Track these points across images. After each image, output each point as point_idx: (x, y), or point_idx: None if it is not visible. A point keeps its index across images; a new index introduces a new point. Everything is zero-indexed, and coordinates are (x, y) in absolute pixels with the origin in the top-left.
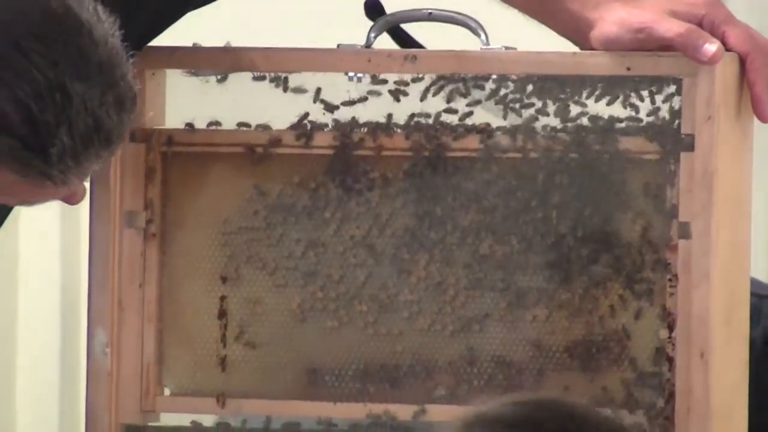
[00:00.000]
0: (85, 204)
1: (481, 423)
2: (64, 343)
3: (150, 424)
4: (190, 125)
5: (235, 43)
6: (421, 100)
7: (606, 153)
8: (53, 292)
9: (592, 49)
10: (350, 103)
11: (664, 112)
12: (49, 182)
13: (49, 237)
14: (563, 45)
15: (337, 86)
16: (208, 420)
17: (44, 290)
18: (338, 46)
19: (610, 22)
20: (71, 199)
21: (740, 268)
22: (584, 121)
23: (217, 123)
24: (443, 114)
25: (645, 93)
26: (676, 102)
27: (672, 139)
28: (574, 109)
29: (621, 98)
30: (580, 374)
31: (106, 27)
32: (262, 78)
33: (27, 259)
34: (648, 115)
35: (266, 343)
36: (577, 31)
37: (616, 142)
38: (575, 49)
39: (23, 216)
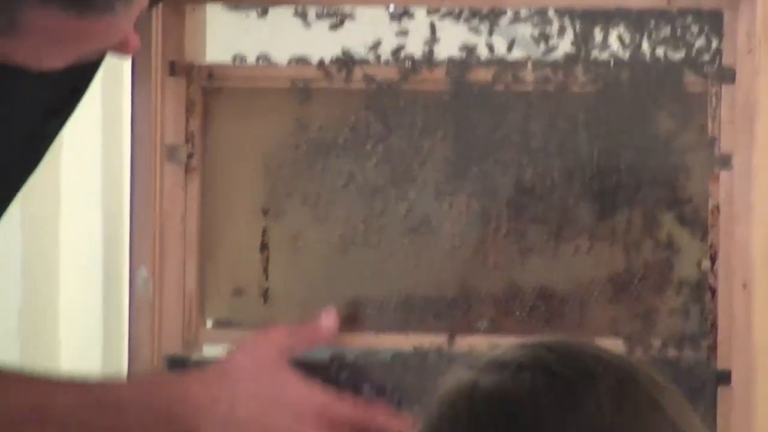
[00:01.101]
0: (126, 138)
1: (490, 367)
2: (107, 276)
3: (192, 355)
4: (236, 59)
5: None
6: (461, 34)
7: (647, 86)
8: (95, 225)
9: None
10: (390, 37)
11: (705, 45)
12: (91, 11)
13: (90, 171)
14: None
15: (378, 20)
16: None
17: (86, 224)
18: None
19: None
20: (124, 48)
21: None
22: (625, 55)
23: (258, 58)
24: (484, 48)
25: (685, 26)
26: (717, 35)
27: (713, 72)
28: (615, 43)
29: (661, 32)
30: (622, 305)
31: None
32: (303, 12)
33: (68, 193)
34: (688, 48)
35: (308, 275)
36: None
37: (658, 76)
38: None
39: (64, 151)
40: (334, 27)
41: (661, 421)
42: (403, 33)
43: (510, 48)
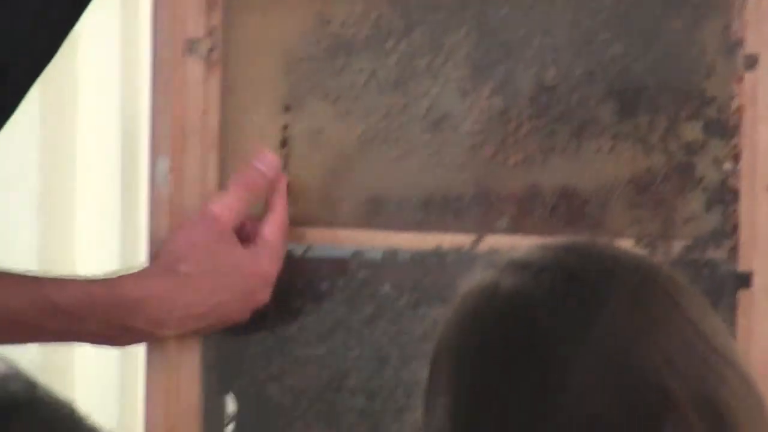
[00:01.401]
0: (145, 31)
1: (511, 268)
2: (125, 171)
3: None
4: None
5: None
6: None
7: None
8: (113, 119)
9: None
10: None
11: None
12: None
13: (109, 65)
14: None
15: None
16: None
17: (104, 117)
18: None
19: None
20: None
21: None
22: None
23: None
24: None
25: None
26: None
27: None
28: None
29: None
30: (643, 206)
31: None
32: None
33: (86, 84)
34: None
35: (329, 171)
36: None
37: None
38: None
39: (82, 43)
40: None
41: (682, 322)
42: None
43: None
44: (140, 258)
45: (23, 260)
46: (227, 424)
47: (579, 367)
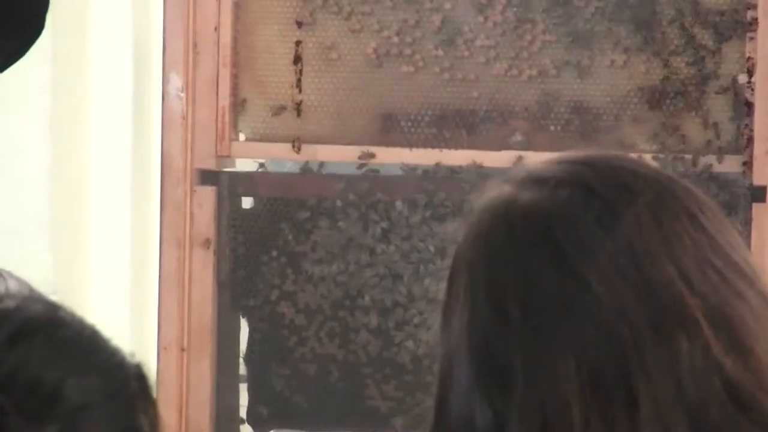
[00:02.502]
0: None
1: (529, 183)
2: (137, 88)
3: (225, 169)
4: None
5: None
6: None
7: None
8: (125, 35)
9: None
10: None
11: None
12: None
13: None
14: None
15: None
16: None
17: (115, 33)
18: None
19: None
20: None
21: None
22: None
23: None
24: None
25: None
26: None
27: None
28: None
29: None
30: (657, 119)
31: None
32: None
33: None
34: None
35: (341, 88)
36: None
37: None
38: None
39: None
40: None
41: (699, 237)
42: None
43: None
44: (152, 174)
45: (36, 176)
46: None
47: (596, 279)
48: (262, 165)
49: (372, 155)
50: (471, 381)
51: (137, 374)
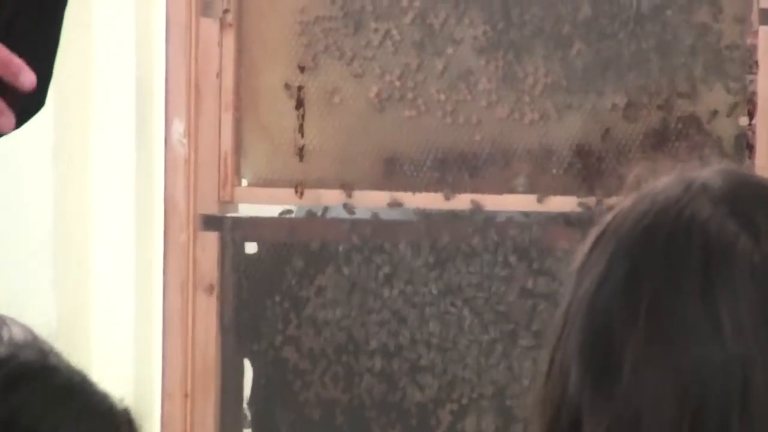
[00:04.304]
0: None
1: (724, 207)
2: (140, 133)
3: (228, 214)
4: None
5: None
6: None
7: None
8: (128, 80)
9: None
10: None
11: None
12: None
13: (123, 25)
14: None
15: None
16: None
17: (119, 78)
18: None
19: None
20: None
21: None
22: None
23: None
24: None
25: None
26: None
27: None
28: None
29: None
30: (660, 161)
31: None
32: None
33: (101, 45)
34: None
35: (344, 132)
36: None
37: None
38: None
39: (96, 4)
40: None
41: None
42: None
43: None
44: (156, 218)
45: (39, 220)
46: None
47: (730, 325)
48: (288, 211)
49: (400, 204)
50: (578, 347)
51: (127, 419)
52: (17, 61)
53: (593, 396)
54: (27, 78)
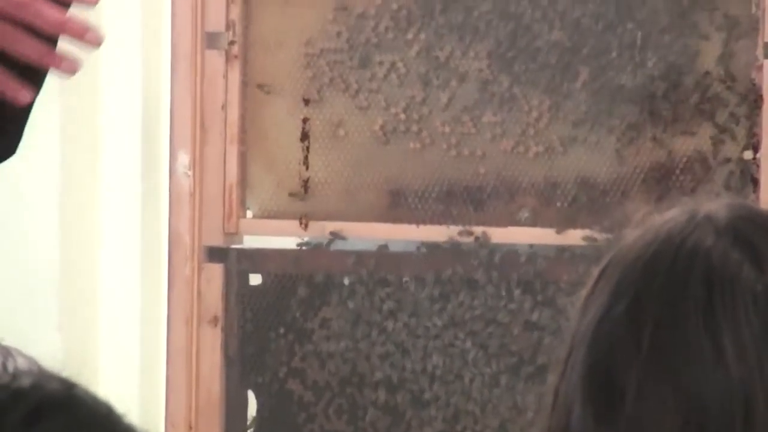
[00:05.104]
0: (166, 24)
1: (727, 237)
2: (145, 165)
3: (233, 246)
4: None
5: None
6: None
7: None
8: (134, 112)
9: None
10: None
11: None
12: None
13: (129, 58)
14: None
15: None
16: (291, 242)
17: (124, 110)
18: None
19: None
20: None
21: None
22: None
23: None
24: None
25: None
26: None
27: None
28: None
29: None
30: (664, 195)
31: None
32: None
33: (107, 78)
34: None
35: (349, 165)
36: None
37: None
38: None
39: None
40: None
41: None
42: None
43: None
44: (161, 250)
45: (44, 254)
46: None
47: (732, 353)
48: (306, 244)
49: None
50: (581, 377)
51: None
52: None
53: (596, 428)
54: (22, 95)
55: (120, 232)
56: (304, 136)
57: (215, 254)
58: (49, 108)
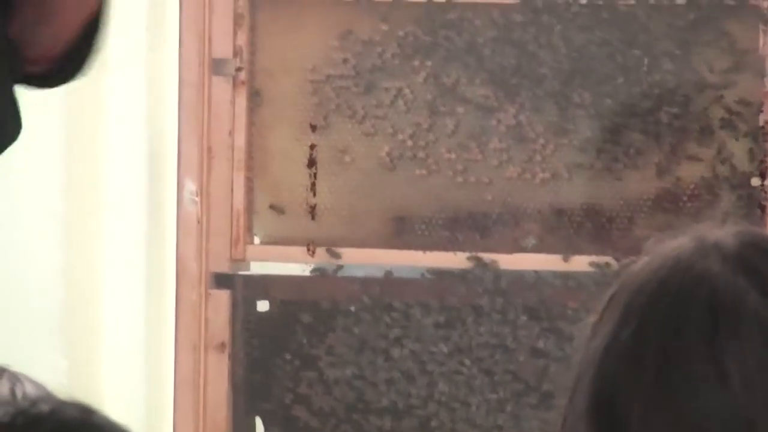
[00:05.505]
0: (172, 50)
1: (735, 265)
2: (151, 191)
3: (240, 273)
4: None
5: None
6: None
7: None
8: (140, 139)
9: None
10: None
11: None
12: None
13: (136, 84)
14: None
15: None
16: (298, 268)
17: (131, 137)
18: None
19: None
20: None
21: None
22: None
23: None
24: None
25: None
26: None
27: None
28: None
29: None
30: (670, 222)
31: None
32: None
33: (114, 104)
34: None
35: (355, 191)
36: None
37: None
38: None
39: (109, 62)
40: None
41: None
42: None
43: None
44: (167, 278)
45: (49, 280)
46: None
47: (738, 381)
48: (319, 270)
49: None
50: (586, 405)
51: None
52: None
53: None
54: None
55: (126, 258)
56: (311, 163)
57: (222, 281)
58: (54, 134)
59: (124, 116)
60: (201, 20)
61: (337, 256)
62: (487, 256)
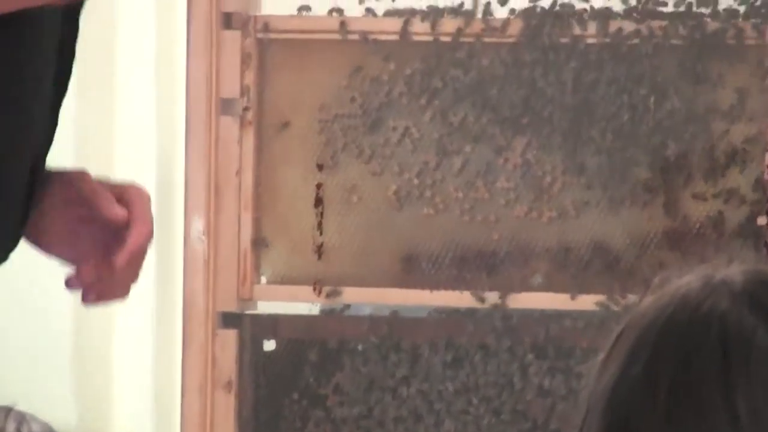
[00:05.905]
0: (180, 89)
1: (745, 302)
2: (159, 230)
3: (247, 312)
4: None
5: None
6: None
7: (705, 39)
8: (148, 178)
9: None
10: None
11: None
12: None
13: (144, 125)
14: None
15: None
16: (305, 307)
17: (139, 176)
18: None
19: None
20: None
21: None
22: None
23: (306, 8)
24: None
25: None
26: None
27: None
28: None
29: None
30: (678, 260)
31: None
32: None
33: (123, 146)
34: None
35: (363, 230)
36: None
37: (717, 28)
38: None
39: (118, 102)
40: None
41: None
42: None
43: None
44: (175, 317)
45: (59, 320)
46: None
47: (747, 420)
48: (331, 310)
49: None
50: None
51: None
52: None
53: None
54: None
55: (134, 297)
56: (318, 202)
57: (229, 320)
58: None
59: (132, 154)
60: (209, 60)
61: (340, 295)
62: (494, 295)
